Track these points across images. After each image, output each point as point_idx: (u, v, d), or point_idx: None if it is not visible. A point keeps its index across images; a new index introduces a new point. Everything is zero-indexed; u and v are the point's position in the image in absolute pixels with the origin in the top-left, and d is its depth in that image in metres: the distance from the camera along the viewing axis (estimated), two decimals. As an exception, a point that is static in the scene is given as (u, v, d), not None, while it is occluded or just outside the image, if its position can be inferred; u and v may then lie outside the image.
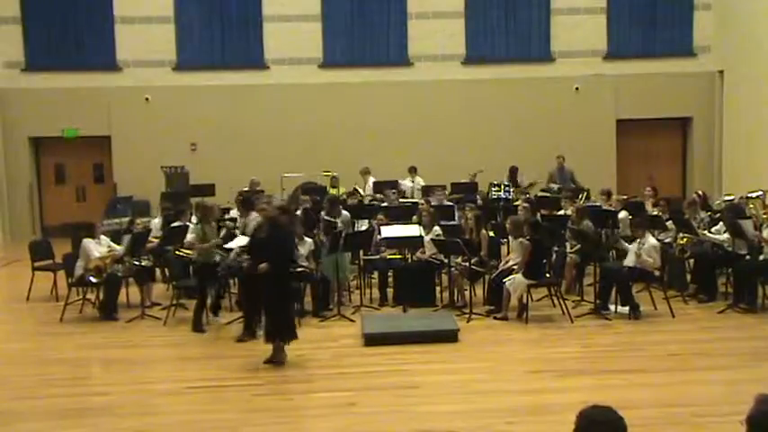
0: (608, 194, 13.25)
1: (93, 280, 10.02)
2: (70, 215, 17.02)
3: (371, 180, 16.27)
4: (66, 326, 9.85)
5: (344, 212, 11.52)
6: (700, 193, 12.45)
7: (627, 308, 9.57)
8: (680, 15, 18.81)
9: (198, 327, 9.28)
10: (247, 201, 10.85)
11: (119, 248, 10.45)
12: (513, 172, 16.73)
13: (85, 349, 8.82)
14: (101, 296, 10.20)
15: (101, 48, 18.35)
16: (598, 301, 9.71)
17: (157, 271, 11.48)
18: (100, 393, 7.20)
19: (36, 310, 10.77)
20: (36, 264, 11.57)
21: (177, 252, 10.54)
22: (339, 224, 10.86)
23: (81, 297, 10.56)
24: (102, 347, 8.90)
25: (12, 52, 18.21)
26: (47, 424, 6.42)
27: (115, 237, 11.11)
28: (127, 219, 13.32)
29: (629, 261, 9.79)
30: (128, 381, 7.61)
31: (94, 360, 8.48)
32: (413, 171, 16.56)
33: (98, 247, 10.28)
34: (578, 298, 10.32)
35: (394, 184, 15.45)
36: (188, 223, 11.24)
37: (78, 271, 10.16)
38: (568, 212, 11.91)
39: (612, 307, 9.70)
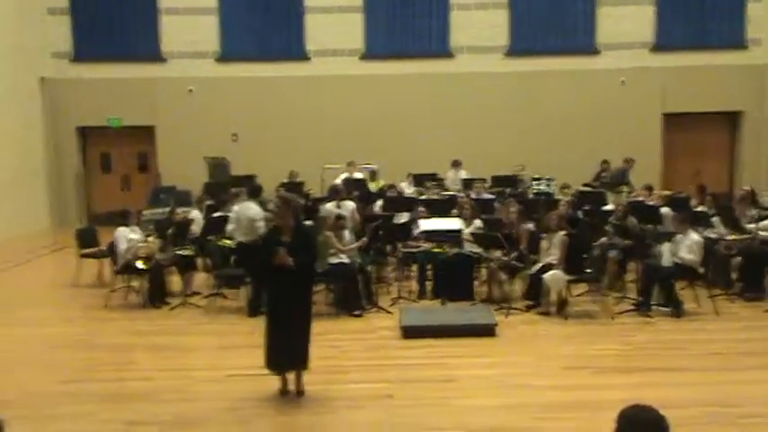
0: (649, 189, 13.05)
1: (140, 266, 10.19)
2: (115, 203, 17.34)
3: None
4: (111, 312, 10.07)
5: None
6: (748, 188, 12.18)
7: (669, 305, 9.41)
8: (731, 6, 18.40)
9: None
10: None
11: (150, 239, 10.60)
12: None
13: (129, 335, 9.00)
14: (145, 284, 10.38)
15: (146, 39, 18.68)
16: (640, 298, 9.57)
17: (198, 260, 11.65)
18: (143, 378, 7.33)
19: (82, 296, 11.02)
20: (83, 251, 11.84)
21: (219, 242, 10.68)
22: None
23: (126, 284, 10.78)
24: (145, 334, 9.07)
25: (61, 43, 18.61)
26: (91, 407, 6.56)
27: (158, 226, 11.31)
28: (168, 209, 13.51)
29: (666, 260, 9.60)
30: (170, 367, 7.74)
31: (138, 346, 8.64)
32: (457, 165, 16.45)
33: (131, 235, 10.45)
34: (619, 294, 10.19)
35: (433, 177, 15.40)
36: (229, 213, 11.39)
37: (122, 259, 10.35)
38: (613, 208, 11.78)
39: (654, 304, 9.55)
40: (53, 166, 18.76)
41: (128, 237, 10.37)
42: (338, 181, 15.08)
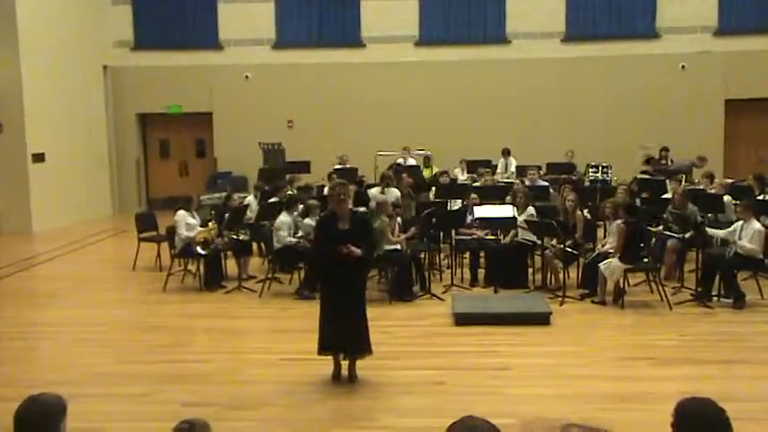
0: (711, 177, 12.72)
1: (201, 251, 10.35)
2: (173, 189, 17.71)
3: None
4: (168, 295, 10.28)
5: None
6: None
7: (730, 296, 9.15)
8: (799, -12, 17.70)
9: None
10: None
11: (210, 224, 10.79)
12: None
13: (185, 318, 9.18)
14: (201, 268, 10.55)
15: (204, 27, 18.94)
16: (699, 289, 9.34)
17: (254, 245, 11.80)
18: (198, 361, 7.47)
19: (141, 279, 11.27)
20: (141, 235, 12.12)
21: (273, 227, 10.78)
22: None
23: (182, 268, 10.99)
24: (200, 317, 9.24)
25: (123, 32, 19.01)
26: (147, 387, 6.71)
27: (217, 211, 11.49)
28: (224, 194, 13.70)
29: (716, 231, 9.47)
30: (224, 350, 7.87)
31: (194, 329, 8.81)
32: (506, 153, 16.29)
33: (190, 220, 10.63)
34: (678, 284, 9.95)
35: (486, 164, 15.28)
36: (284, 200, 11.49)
37: (179, 243, 10.54)
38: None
39: (715, 295, 9.29)
40: (114, 153, 19.21)
41: (187, 221, 10.56)
42: (399, 162, 15.26)
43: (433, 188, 13.40)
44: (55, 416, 3.21)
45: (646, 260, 9.59)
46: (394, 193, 11.77)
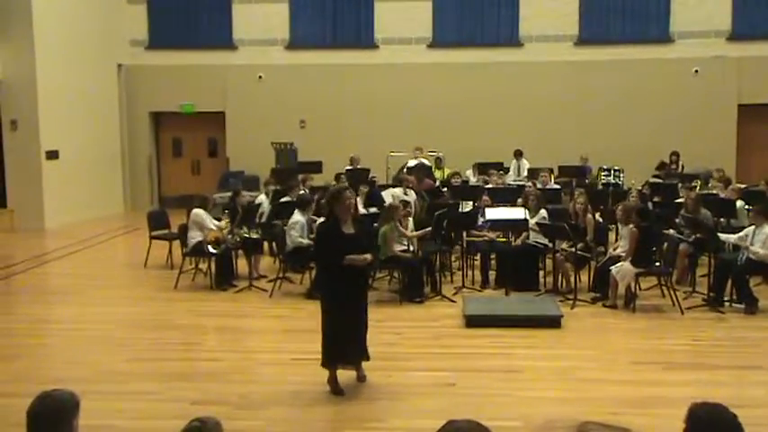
0: (726, 183, 12.64)
1: (213, 250, 10.37)
2: (186, 188, 17.76)
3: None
4: (179, 293, 10.31)
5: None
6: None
7: (742, 301, 9.10)
8: (814, -8, 17.58)
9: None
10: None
11: (221, 224, 10.83)
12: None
13: (196, 316, 9.19)
14: (212, 266, 10.58)
15: (218, 27, 19.00)
16: (711, 294, 9.29)
17: (265, 244, 11.81)
18: (208, 359, 7.49)
19: (152, 277, 11.32)
20: (153, 233, 12.15)
21: (285, 226, 10.79)
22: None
23: (194, 266, 11.02)
24: (211, 315, 9.26)
25: (138, 31, 19.10)
26: (158, 385, 6.73)
27: (230, 210, 11.53)
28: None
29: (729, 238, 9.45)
30: (235, 349, 7.90)
31: (204, 327, 8.84)
32: (518, 155, 16.25)
33: (209, 219, 10.67)
34: (690, 289, 9.91)
35: (499, 166, 15.26)
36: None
37: (191, 241, 10.57)
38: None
39: (727, 300, 9.25)
40: (127, 151, 19.31)
41: (206, 219, 10.60)
42: (411, 163, 15.16)
43: (445, 189, 13.37)
44: (68, 412, 3.23)
45: (657, 264, 9.55)
46: (414, 194, 11.80)
